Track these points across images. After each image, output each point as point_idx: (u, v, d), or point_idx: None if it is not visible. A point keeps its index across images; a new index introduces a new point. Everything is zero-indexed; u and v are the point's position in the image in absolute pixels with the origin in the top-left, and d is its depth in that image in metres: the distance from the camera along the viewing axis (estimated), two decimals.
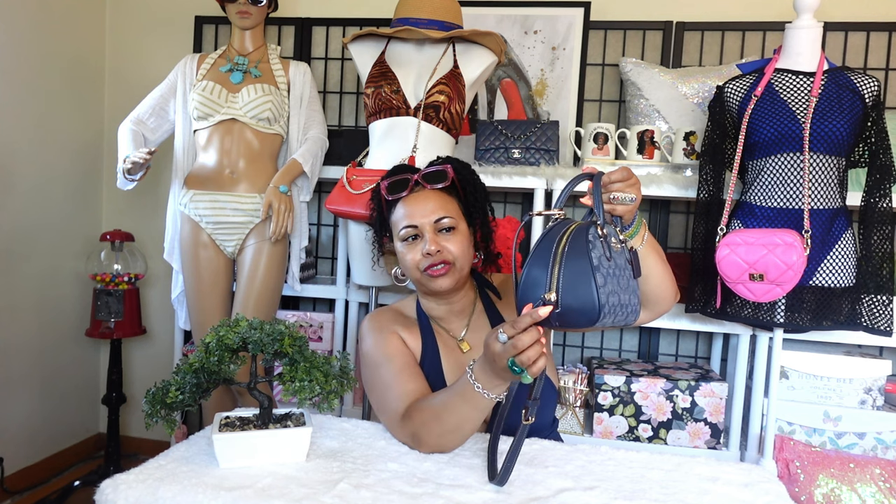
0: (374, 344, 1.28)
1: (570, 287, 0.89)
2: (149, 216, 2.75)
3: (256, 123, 2.03)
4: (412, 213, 1.26)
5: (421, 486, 1.00)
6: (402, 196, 1.29)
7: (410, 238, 1.26)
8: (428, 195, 1.28)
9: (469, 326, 1.34)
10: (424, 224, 1.25)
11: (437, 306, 1.33)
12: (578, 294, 0.88)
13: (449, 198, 1.30)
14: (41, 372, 2.51)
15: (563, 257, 0.90)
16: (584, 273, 0.88)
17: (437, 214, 1.25)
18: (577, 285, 0.89)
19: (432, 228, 1.25)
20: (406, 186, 1.29)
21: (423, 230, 1.25)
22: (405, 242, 1.27)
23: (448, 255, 1.25)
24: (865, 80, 1.72)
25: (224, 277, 2.08)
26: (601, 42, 2.41)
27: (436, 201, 1.27)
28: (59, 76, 2.52)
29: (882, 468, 1.79)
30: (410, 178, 1.29)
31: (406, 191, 1.29)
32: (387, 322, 1.32)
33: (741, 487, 1.05)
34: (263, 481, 0.98)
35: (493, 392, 1.04)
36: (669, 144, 2.06)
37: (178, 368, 1.05)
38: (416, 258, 1.25)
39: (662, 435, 2.02)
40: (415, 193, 1.29)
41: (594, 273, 0.88)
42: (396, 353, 1.26)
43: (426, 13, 1.86)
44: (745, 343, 1.98)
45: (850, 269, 1.73)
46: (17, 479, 2.40)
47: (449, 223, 1.26)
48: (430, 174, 1.29)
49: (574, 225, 0.95)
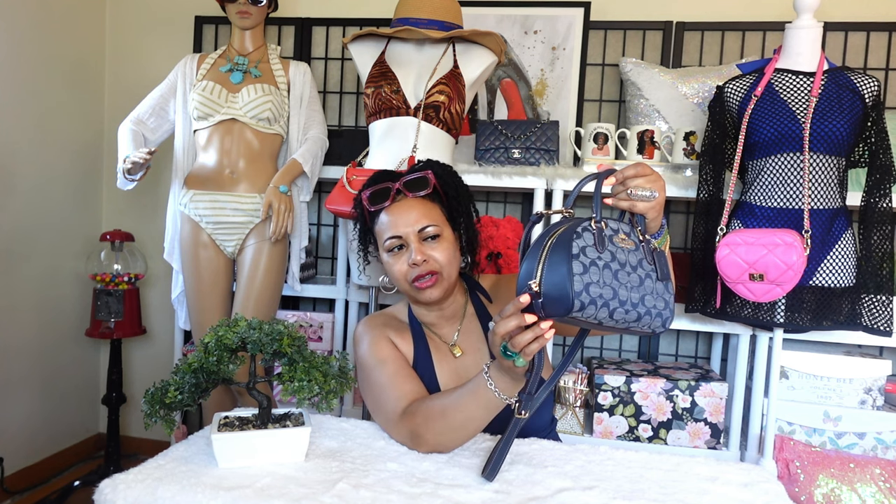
0: (368, 348, 1.28)
1: (549, 275, 0.89)
2: (149, 216, 2.75)
3: (256, 123, 2.03)
4: (395, 222, 1.25)
5: (420, 486, 1.00)
6: (384, 206, 1.27)
7: (396, 248, 1.25)
8: (411, 203, 1.26)
9: (460, 331, 1.33)
10: (409, 233, 1.24)
11: (427, 313, 1.33)
12: (555, 281, 0.88)
13: (432, 204, 1.28)
14: (41, 372, 2.51)
15: (549, 249, 0.90)
16: (562, 261, 0.88)
17: (420, 223, 1.24)
18: (553, 273, 0.88)
19: (417, 238, 1.24)
20: (388, 196, 1.27)
21: (407, 240, 1.24)
22: (391, 253, 1.26)
23: (434, 264, 1.24)
24: (865, 80, 1.72)
25: (224, 277, 2.08)
26: (601, 42, 2.41)
27: (419, 209, 1.25)
28: (59, 76, 2.53)
29: (882, 468, 1.79)
30: (392, 187, 1.27)
31: (388, 200, 1.26)
32: (379, 327, 1.31)
33: (741, 487, 1.05)
34: (262, 481, 0.98)
35: (504, 392, 1.03)
36: (669, 144, 2.06)
37: (177, 368, 1.05)
38: (403, 269, 1.24)
39: (662, 435, 2.01)
40: (397, 203, 1.27)
41: (571, 260, 0.87)
42: (390, 357, 1.25)
43: (426, 13, 1.86)
44: (745, 343, 1.98)
45: (850, 269, 1.72)
46: (17, 479, 2.40)
47: (433, 231, 1.24)
48: (410, 182, 1.27)
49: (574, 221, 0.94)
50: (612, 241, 0.93)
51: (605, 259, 0.91)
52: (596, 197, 0.96)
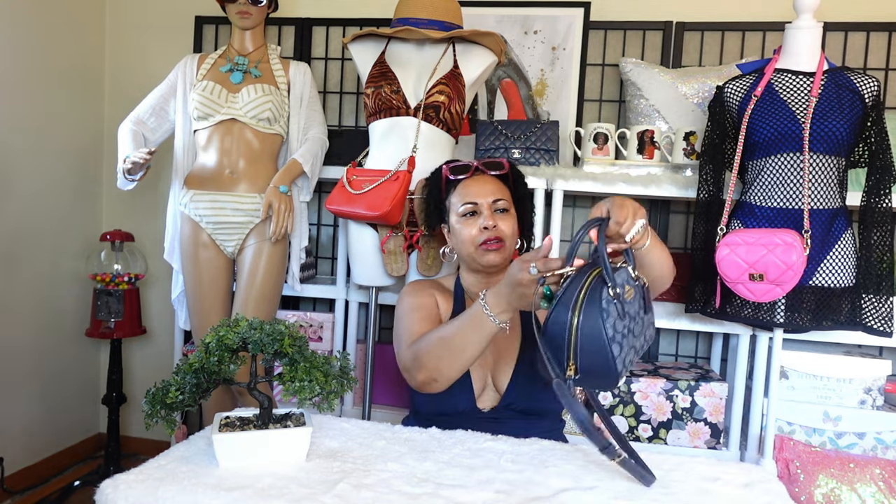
0: (408, 299, 1.45)
1: (586, 359, 0.96)
2: (149, 216, 2.75)
3: (256, 123, 2.03)
4: (473, 192, 1.44)
5: (421, 486, 1.00)
6: (463, 178, 1.47)
7: (469, 214, 1.43)
8: (486, 179, 1.47)
9: None
10: (483, 203, 1.42)
11: (477, 282, 1.47)
12: (596, 364, 0.95)
13: (503, 185, 1.48)
14: (41, 372, 2.51)
15: (578, 332, 0.95)
16: (600, 349, 0.94)
17: (494, 196, 1.43)
18: (593, 358, 0.95)
19: (489, 207, 1.42)
20: (469, 170, 1.48)
21: (481, 208, 1.42)
22: (464, 218, 1.43)
23: (501, 232, 1.40)
24: (865, 80, 1.72)
25: (224, 277, 2.08)
26: (601, 42, 2.41)
27: (493, 184, 1.46)
28: (59, 76, 2.52)
29: (882, 468, 1.79)
30: (472, 164, 1.49)
31: (468, 173, 1.48)
32: (426, 287, 1.49)
33: (741, 487, 1.05)
34: (263, 481, 0.98)
35: (499, 318, 1.16)
36: (669, 144, 2.06)
37: (177, 368, 1.05)
38: (473, 233, 1.41)
39: (662, 435, 2.02)
40: (475, 177, 1.47)
41: (609, 346, 0.93)
42: (426, 306, 1.42)
43: (426, 13, 1.86)
44: (745, 343, 1.98)
45: (849, 269, 1.73)
46: (17, 479, 2.40)
47: (504, 205, 1.44)
48: (489, 163, 1.50)
49: (588, 280, 0.98)
50: (626, 302, 0.97)
51: (625, 323, 0.97)
52: (602, 257, 0.99)
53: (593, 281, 0.98)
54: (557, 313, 0.98)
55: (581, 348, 0.95)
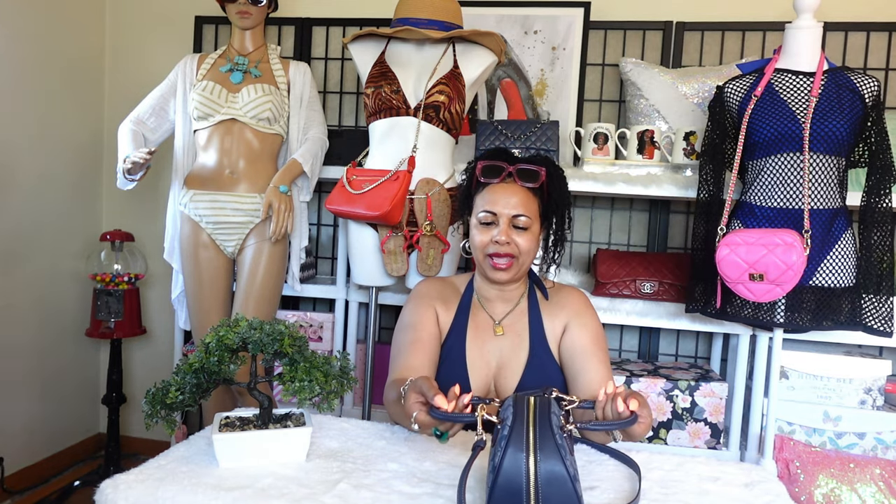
0: (410, 309, 1.42)
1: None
2: (149, 216, 2.75)
3: (256, 123, 2.03)
4: (495, 200, 1.35)
5: (421, 486, 1.00)
6: (492, 182, 1.37)
7: (487, 222, 1.36)
8: (515, 189, 1.35)
9: (510, 314, 1.43)
10: (503, 214, 1.34)
11: (489, 288, 1.43)
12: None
13: (533, 197, 1.37)
14: (41, 372, 2.51)
15: (538, 478, 0.84)
16: (569, 496, 0.84)
17: (517, 210, 1.34)
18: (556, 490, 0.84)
19: (508, 221, 1.34)
20: (499, 174, 1.36)
21: (499, 219, 1.34)
22: (481, 225, 1.37)
23: (515, 249, 1.34)
24: (865, 80, 1.72)
25: (224, 277, 2.08)
26: (601, 42, 2.41)
27: (520, 197, 1.35)
28: (59, 76, 2.52)
29: (882, 468, 1.79)
30: (505, 169, 1.36)
31: (498, 179, 1.36)
32: (431, 292, 1.45)
33: (741, 487, 1.05)
34: (263, 481, 0.98)
35: (414, 424, 1.04)
36: (669, 144, 2.06)
37: (178, 368, 1.05)
38: (486, 240, 1.35)
39: (662, 435, 2.02)
40: (505, 183, 1.37)
41: (574, 484, 0.84)
42: (419, 325, 1.38)
43: (426, 13, 1.86)
44: (745, 343, 1.98)
45: (849, 269, 1.73)
46: (17, 479, 2.40)
47: (524, 223, 1.34)
48: (523, 171, 1.36)
49: (530, 414, 0.88)
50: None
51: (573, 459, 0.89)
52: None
53: (535, 413, 0.87)
54: (510, 457, 0.84)
55: (543, 496, 0.83)
